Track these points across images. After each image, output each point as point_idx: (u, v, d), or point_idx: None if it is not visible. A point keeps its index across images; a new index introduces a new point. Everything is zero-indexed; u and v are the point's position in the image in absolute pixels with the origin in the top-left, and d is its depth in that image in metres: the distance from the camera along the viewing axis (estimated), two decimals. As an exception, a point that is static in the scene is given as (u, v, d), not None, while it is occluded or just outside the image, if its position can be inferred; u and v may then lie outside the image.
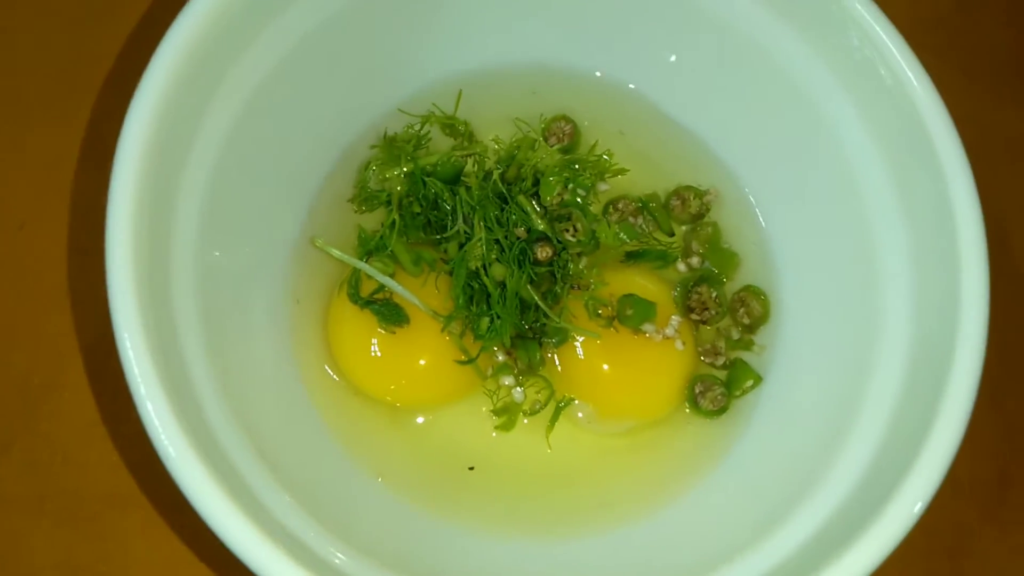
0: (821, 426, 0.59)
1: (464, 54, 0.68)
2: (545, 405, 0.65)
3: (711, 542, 0.58)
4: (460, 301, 0.61)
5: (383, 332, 0.62)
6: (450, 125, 0.68)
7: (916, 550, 0.50)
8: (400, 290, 0.62)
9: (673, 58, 0.67)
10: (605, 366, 0.64)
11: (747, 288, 0.67)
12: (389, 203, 0.65)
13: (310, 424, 0.60)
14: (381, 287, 0.62)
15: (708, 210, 0.69)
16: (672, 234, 0.68)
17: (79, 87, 0.73)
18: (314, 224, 0.65)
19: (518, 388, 0.64)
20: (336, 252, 0.63)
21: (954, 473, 0.50)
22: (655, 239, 0.68)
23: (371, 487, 0.60)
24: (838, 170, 0.61)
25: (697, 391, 0.65)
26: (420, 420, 0.65)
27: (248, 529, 0.45)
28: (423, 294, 0.63)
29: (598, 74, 0.70)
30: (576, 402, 0.64)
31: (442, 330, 0.62)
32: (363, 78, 0.65)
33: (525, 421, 0.65)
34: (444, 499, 0.62)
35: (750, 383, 0.65)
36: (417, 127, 0.67)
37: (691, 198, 0.68)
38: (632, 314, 0.63)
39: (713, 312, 0.66)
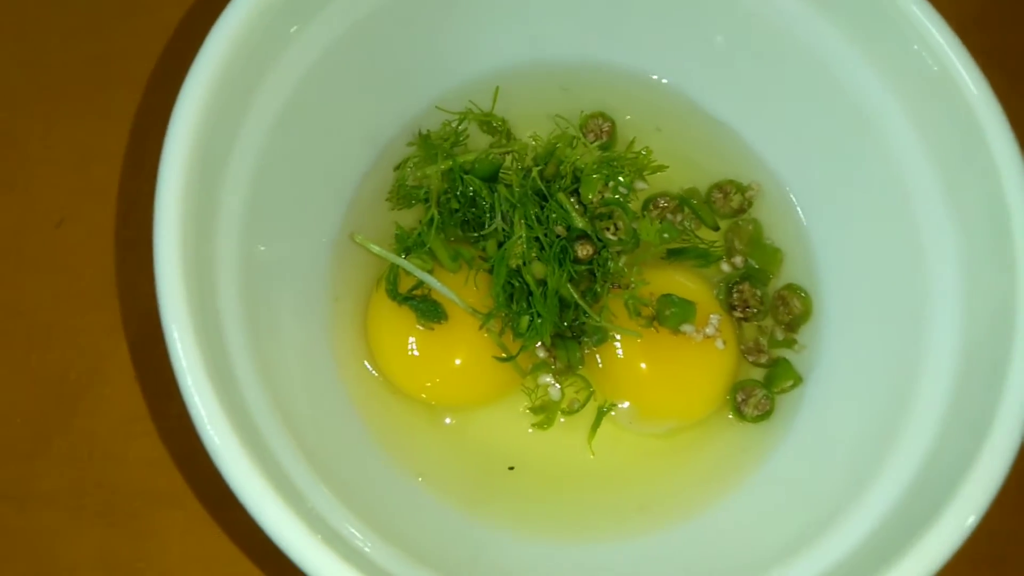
0: (867, 431, 0.58)
1: (500, 51, 0.68)
2: (584, 405, 0.64)
3: (751, 548, 0.57)
4: (500, 299, 0.61)
5: (421, 329, 0.62)
6: (487, 122, 0.68)
7: (959, 557, 0.49)
8: (438, 286, 0.62)
9: (712, 54, 0.66)
10: (645, 365, 0.64)
11: (788, 286, 0.66)
12: (427, 200, 0.65)
13: (349, 421, 0.60)
14: (419, 283, 0.62)
15: (750, 205, 0.68)
16: (717, 228, 0.68)
17: (115, 82, 0.74)
18: (353, 221, 0.65)
19: (556, 386, 0.64)
20: (375, 248, 0.63)
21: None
22: (697, 236, 0.67)
23: (411, 487, 0.60)
24: (884, 169, 0.60)
25: (739, 399, 0.64)
26: (458, 419, 0.65)
27: (292, 521, 0.45)
28: (462, 292, 0.62)
29: (634, 70, 0.69)
30: (617, 404, 0.64)
31: (480, 327, 0.62)
32: (400, 76, 0.65)
33: (562, 420, 0.64)
34: (484, 499, 0.61)
35: (790, 383, 0.64)
36: (454, 124, 0.67)
37: (732, 192, 0.68)
38: (671, 314, 0.62)
39: (755, 310, 0.65)
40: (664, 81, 0.69)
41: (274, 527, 0.44)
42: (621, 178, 0.65)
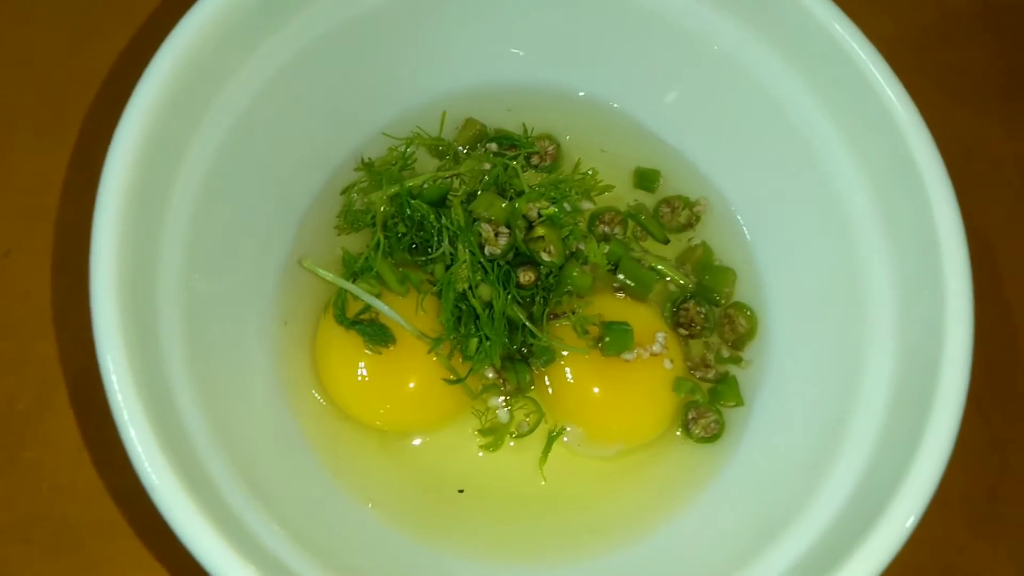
0: (810, 444, 0.59)
1: (447, 76, 0.68)
2: (533, 429, 0.64)
3: (700, 565, 0.58)
4: (449, 322, 0.61)
5: (370, 354, 0.62)
6: (435, 146, 0.68)
7: (907, 568, 0.50)
8: (386, 310, 0.62)
9: (657, 81, 0.68)
10: (595, 389, 0.64)
11: (735, 305, 0.67)
12: (374, 224, 0.65)
13: (298, 450, 0.60)
14: (367, 308, 0.62)
15: (698, 220, 0.69)
16: (667, 241, 0.68)
17: (64, 111, 0.73)
18: (301, 246, 0.65)
19: (504, 408, 0.64)
20: (323, 272, 0.63)
21: (943, 489, 0.50)
22: (644, 250, 0.68)
23: (361, 514, 0.60)
24: (822, 189, 0.61)
25: (690, 417, 0.65)
26: (408, 444, 0.65)
27: (234, 560, 0.44)
28: (410, 316, 0.62)
29: (581, 93, 0.70)
30: (567, 427, 0.64)
31: (429, 351, 0.62)
32: (348, 103, 0.65)
33: (512, 444, 0.64)
34: (435, 524, 0.61)
35: (732, 403, 0.65)
36: (401, 148, 0.67)
37: (680, 207, 0.69)
38: (608, 343, 0.63)
39: (700, 327, 0.66)
40: (613, 105, 0.71)
41: (214, 565, 0.44)
42: (567, 204, 0.65)
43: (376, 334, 0.62)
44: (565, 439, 0.64)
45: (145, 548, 0.65)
